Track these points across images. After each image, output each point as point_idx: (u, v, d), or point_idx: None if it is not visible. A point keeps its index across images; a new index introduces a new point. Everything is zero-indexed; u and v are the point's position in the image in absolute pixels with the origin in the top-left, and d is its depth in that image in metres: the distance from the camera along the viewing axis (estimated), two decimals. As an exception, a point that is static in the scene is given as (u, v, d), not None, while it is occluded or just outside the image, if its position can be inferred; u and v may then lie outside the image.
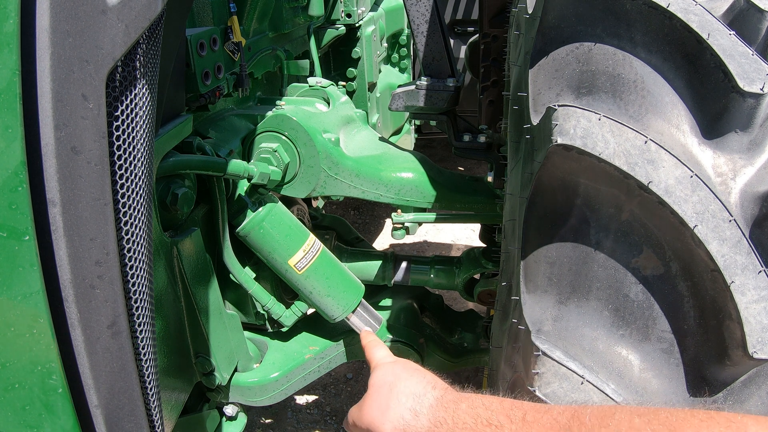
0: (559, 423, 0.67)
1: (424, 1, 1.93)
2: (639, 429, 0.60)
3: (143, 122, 0.86)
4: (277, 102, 1.98)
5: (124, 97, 0.81)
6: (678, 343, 0.95)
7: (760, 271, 0.86)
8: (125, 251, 0.84)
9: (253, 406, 1.99)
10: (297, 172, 1.83)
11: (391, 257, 2.19)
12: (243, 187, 1.76)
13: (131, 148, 0.83)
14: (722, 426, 0.56)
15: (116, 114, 0.80)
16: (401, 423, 0.86)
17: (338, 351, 2.05)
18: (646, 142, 0.91)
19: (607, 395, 0.92)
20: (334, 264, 1.83)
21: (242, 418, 1.98)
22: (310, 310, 1.92)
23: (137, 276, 0.87)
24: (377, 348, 1.11)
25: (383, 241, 4.60)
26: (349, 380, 3.33)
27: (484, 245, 2.17)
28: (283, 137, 1.79)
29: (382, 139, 2.18)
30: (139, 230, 0.87)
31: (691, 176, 0.89)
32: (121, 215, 0.82)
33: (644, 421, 0.60)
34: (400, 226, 2.12)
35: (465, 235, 4.62)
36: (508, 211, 1.25)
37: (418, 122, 3.97)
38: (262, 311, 1.84)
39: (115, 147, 0.80)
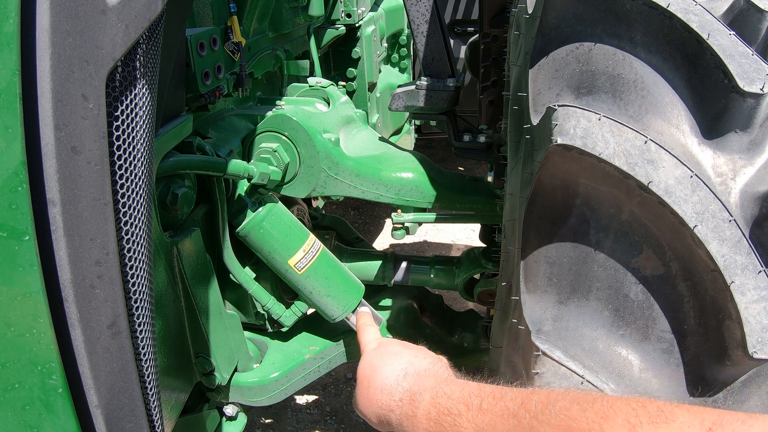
0: (509, 410, 0.71)
1: (424, 1, 1.93)
2: (575, 417, 0.63)
3: (143, 122, 0.86)
4: (277, 102, 1.97)
5: (124, 97, 0.81)
6: (678, 343, 0.95)
7: (760, 271, 0.86)
8: (125, 251, 0.84)
9: (253, 406, 1.99)
10: (297, 172, 1.83)
11: (391, 257, 2.19)
12: (243, 187, 1.76)
13: (131, 148, 0.83)
14: (652, 414, 0.58)
15: (116, 114, 0.80)
16: (381, 415, 0.94)
17: (338, 351, 2.05)
18: (646, 142, 0.91)
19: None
20: (334, 264, 1.83)
21: (242, 418, 1.98)
22: (310, 310, 1.92)
23: (137, 276, 0.87)
24: (366, 332, 1.17)
25: (383, 241, 4.60)
26: (349, 380, 3.33)
27: (484, 245, 2.17)
28: (283, 137, 1.79)
29: (382, 139, 2.18)
30: (139, 230, 0.87)
31: (691, 176, 0.89)
32: (121, 215, 0.82)
33: (581, 408, 0.64)
34: (400, 226, 2.12)
35: (465, 235, 4.62)
36: (508, 211, 1.25)
37: (418, 122, 3.97)
38: (262, 311, 1.84)
39: (115, 147, 0.80)
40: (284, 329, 1.98)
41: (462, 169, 5.22)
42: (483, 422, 0.73)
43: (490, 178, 1.98)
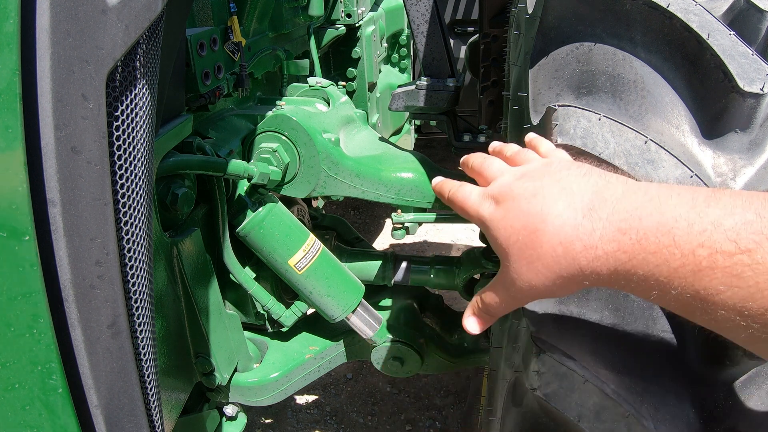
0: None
1: (424, 1, 1.93)
2: None
3: (143, 122, 0.86)
4: (277, 102, 1.97)
5: (124, 97, 0.81)
6: (678, 343, 0.95)
7: (760, 271, 0.86)
8: (125, 251, 0.84)
9: (253, 406, 1.99)
10: (297, 172, 1.83)
11: (391, 257, 2.18)
12: (243, 187, 1.76)
13: (131, 148, 0.83)
14: None
15: (116, 114, 0.80)
16: (579, 263, 0.67)
17: (338, 351, 2.05)
18: (646, 142, 0.91)
19: (608, 395, 0.92)
20: (334, 264, 1.83)
21: (242, 418, 1.98)
22: (310, 310, 1.92)
23: (137, 276, 0.87)
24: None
25: (383, 241, 4.60)
26: (349, 380, 3.33)
27: (484, 245, 2.16)
28: (283, 137, 1.79)
29: (382, 139, 2.18)
30: (139, 230, 0.87)
31: (691, 176, 0.89)
32: (121, 215, 0.82)
33: None
34: (400, 226, 2.12)
35: (465, 235, 4.62)
36: (508, 211, 1.25)
37: (418, 122, 3.97)
38: (262, 311, 1.84)
39: (115, 147, 0.80)
40: (284, 329, 1.98)
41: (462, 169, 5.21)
42: None
43: (490, 178, 1.97)
